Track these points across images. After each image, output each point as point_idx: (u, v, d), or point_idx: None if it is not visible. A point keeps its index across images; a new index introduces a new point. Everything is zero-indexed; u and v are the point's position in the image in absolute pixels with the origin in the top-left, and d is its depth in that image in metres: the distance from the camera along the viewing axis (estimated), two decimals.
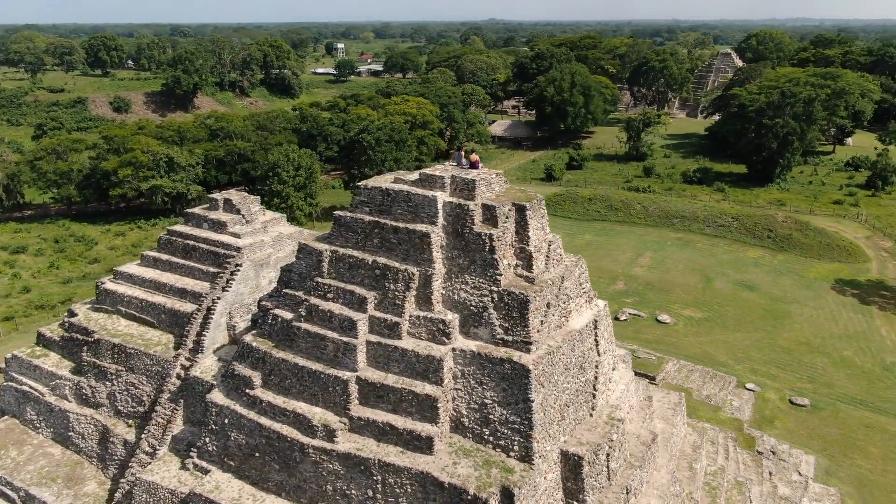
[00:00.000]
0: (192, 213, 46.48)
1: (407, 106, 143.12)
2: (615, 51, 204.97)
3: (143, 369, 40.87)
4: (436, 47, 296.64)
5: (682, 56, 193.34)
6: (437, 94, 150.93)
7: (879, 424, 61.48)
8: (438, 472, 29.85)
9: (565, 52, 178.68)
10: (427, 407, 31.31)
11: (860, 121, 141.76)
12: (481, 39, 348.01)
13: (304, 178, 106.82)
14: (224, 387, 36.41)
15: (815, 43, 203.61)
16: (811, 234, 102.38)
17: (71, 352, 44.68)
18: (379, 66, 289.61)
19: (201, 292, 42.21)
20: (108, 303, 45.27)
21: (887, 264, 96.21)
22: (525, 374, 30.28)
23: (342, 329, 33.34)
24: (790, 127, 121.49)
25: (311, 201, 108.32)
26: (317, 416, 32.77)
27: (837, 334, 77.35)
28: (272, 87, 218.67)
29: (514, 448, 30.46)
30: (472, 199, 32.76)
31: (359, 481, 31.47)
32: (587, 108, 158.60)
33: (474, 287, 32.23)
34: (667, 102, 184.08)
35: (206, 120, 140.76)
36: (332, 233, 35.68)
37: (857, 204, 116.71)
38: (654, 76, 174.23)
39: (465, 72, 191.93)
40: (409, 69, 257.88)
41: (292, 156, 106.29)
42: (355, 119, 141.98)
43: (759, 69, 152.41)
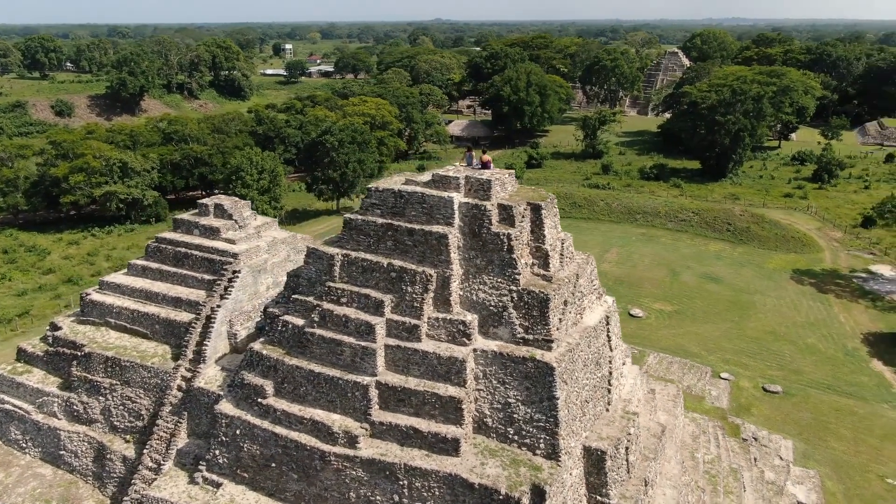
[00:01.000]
0: (181, 220, 45.13)
1: (366, 107, 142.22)
2: (566, 50, 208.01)
3: (139, 382, 39.49)
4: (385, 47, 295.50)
5: (632, 55, 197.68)
6: (395, 95, 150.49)
7: (848, 407, 64.10)
8: (467, 474, 29.83)
9: (519, 52, 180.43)
10: (451, 409, 31.25)
11: (803, 117, 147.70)
12: (430, 39, 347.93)
13: (268, 182, 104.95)
14: (232, 397, 35.51)
15: (757, 42, 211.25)
16: (767, 227, 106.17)
17: (57, 367, 42.83)
18: (329, 66, 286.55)
19: (198, 301, 41.04)
20: (95, 315, 43.57)
21: (839, 254, 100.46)
22: (549, 372, 30.55)
23: (359, 333, 32.95)
24: (741, 123, 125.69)
25: (276, 204, 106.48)
26: (336, 423, 32.31)
27: (800, 322, 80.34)
28: (222, 88, 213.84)
29: (540, 446, 30.69)
30: (488, 199, 32.84)
31: (384, 487, 31.17)
32: (543, 107, 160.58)
33: (493, 287, 32.33)
34: (618, 101, 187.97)
35: (158, 123, 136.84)
36: (343, 236, 35.20)
37: (805, 197, 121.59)
38: (606, 75, 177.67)
39: (420, 72, 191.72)
40: (360, 70, 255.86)
41: (255, 159, 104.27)
42: (313, 121, 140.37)
43: (708, 67, 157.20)
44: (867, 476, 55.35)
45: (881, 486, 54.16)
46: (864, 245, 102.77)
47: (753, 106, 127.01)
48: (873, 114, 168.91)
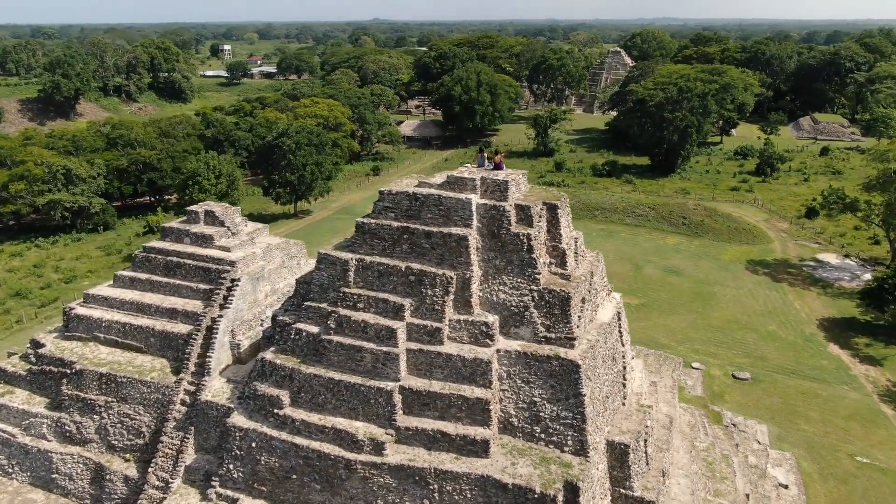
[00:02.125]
0: (170, 228, 43.57)
1: (318, 108, 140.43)
2: (511, 50, 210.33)
3: (138, 398, 37.94)
4: (328, 47, 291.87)
5: (577, 55, 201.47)
6: (347, 96, 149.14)
7: (812, 391, 67.02)
8: (500, 475, 29.92)
9: (467, 52, 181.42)
10: (478, 410, 31.27)
11: (743, 113, 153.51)
12: (372, 39, 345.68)
13: (226, 186, 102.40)
14: (245, 409, 34.55)
15: (694, 41, 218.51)
16: (720, 220, 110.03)
17: (42, 386, 40.71)
18: (272, 67, 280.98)
19: (195, 311, 39.72)
20: (82, 330, 41.61)
21: (787, 244, 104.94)
22: (575, 370, 30.94)
23: (379, 339, 32.57)
24: (688, 120, 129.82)
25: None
26: (361, 430, 31.86)
27: (760, 311, 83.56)
28: (161, 91, 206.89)
29: (567, 443, 31.05)
30: (506, 199, 32.99)
31: (413, 492, 30.93)
32: (494, 106, 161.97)
33: (513, 287, 32.50)
34: (564, 99, 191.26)
35: (101, 127, 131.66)
36: (355, 240, 34.72)
37: (751, 190, 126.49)
38: (553, 74, 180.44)
39: (368, 72, 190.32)
40: (304, 70, 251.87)
41: (212, 163, 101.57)
42: (264, 123, 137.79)
43: (652, 66, 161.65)
44: (838, 455, 57.97)
45: (852, 464, 56.75)
46: (810, 235, 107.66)
47: (699, 103, 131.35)
48: (805, 109, 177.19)
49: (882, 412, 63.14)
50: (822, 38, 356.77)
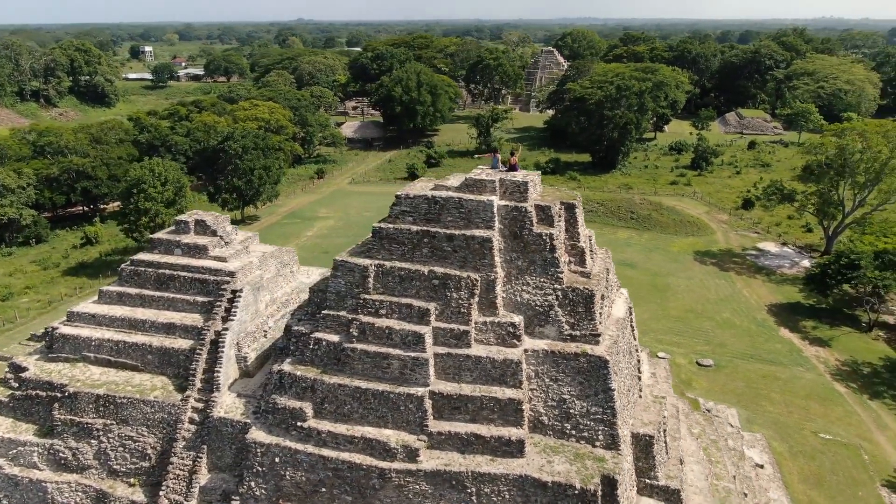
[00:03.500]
0: (159, 239, 41.63)
1: (258, 111, 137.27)
2: (445, 50, 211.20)
3: (140, 419, 36.13)
4: (255, 48, 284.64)
5: (513, 55, 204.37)
6: (287, 98, 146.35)
7: (771, 374, 70.40)
8: (538, 473, 30.17)
9: (405, 52, 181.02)
10: (510, 411, 31.41)
11: (675, 109, 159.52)
12: (300, 40, 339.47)
13: (173, 193, 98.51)
14: (263, 423, 33.48)
15: (624, 41, 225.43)
16: (665, 213, 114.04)
17: (28, 412, 38.17)
18: (199, 69, 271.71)
19: (195, 325, 38.15)
20: (69, 350, 39.25)
21: (729, 234, 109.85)
22: (603, 365, 31.53)
23: (406, 344, 32.23)
24: (628, 117, 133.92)
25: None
26: (393, 438, 31.44)
27: (713, 299, 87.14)
28: (83, 95, 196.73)
29: (599, 438, 31.61)
30: (526, 200, 33.23)
31: (449, 497, 30.78)
32: (435, 106, 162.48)
33: (536, 287, 32.80)
34: (501, 98, 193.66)
35: (27, 134, 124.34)
36: (372, 246, 34.19)
37: (689, 183, 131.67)
38: (489, 73, 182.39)
39: (304, 74, 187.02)
40: (233, 72, 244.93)
41: (157, 169, 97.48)
42: (201, 127, 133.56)
43: (588, 65, 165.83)
44: (803, 433, 61.15)
45: (817, 441, 59.95)
46: (748, 225, 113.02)
47: (637, 101, 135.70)
48: (729, 105, 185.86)
49: (836, 390, 66.89)
50: (736, 37, 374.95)
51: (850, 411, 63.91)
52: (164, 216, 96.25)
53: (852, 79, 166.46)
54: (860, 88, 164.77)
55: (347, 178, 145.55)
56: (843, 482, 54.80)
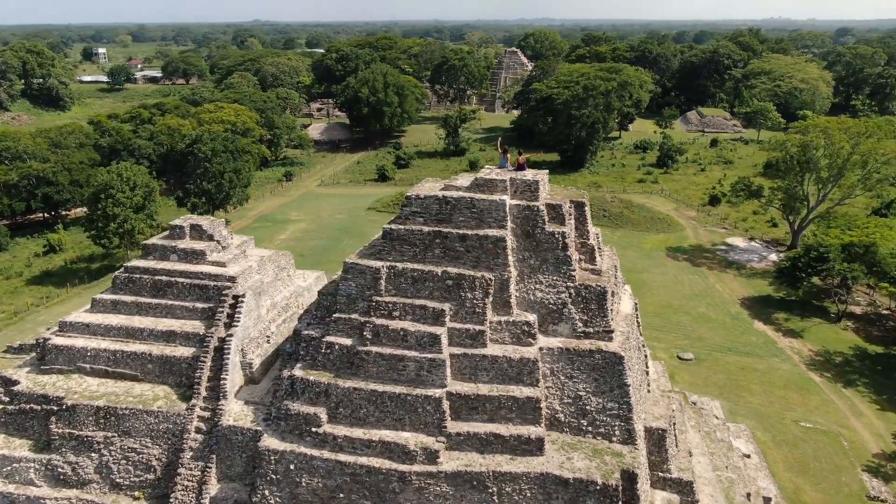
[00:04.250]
0: (152, 245, 40.51)
1: (223, 113, 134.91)
2: (409, 50, 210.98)
3: (144, 430, 35.09)
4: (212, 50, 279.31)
5: (478, 55, 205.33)
6: (253, 100, 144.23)
7: (749, 365, 72.14)
8: (559, 470, 30.31)
9: (370, 53, 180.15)
10: (528, 409, 31.50)
11: (639, 108, 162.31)
12: (259, 41, 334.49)
13: (142, 198, 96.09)
14: (275, 430, 32.88)
15: (586, 41, 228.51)
16: (636, 211, 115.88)
17: (22, 427, 36.73)
18: (156, 71, 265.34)
19: (196, 332, 37.24)
20: (62, 361, 37.90)
21: (698, 230, 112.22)
22: (619, 361, 31.87)
23: (421, 346, 32.04)
24: (595, 117, 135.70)
25: (153, 222, 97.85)
26: (411, 441, 31.21)
27: (688, 294, 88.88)
28: (36, 98, 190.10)
29: (615, 433, 31.92)
30: (537, 199, 33.37)
31: (470, 497, 30.69)
32: (402, 107, 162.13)
33: (549, 285, 32.96)
34: (466, 99, 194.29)
35: None
36: (382, 247, 33.88)
37: (656, 181, 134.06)
38: (455, 74, 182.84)
39: (267, 75, 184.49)
40: (192, 74, 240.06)
41: (126, 174, 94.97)
42: (165, 130, 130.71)
43: (553, 65, 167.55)
44: (784, 422, 62.80)
45: (798, 429, 61.59)
46: (716, 221, 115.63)
47: (603, 100, 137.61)
48: (689, 104, 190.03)
49: (812, 380, 68.85)
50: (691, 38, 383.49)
51: (827, 400, 65.79)
52: (134, 222, 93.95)
53: (807, 78, 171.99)
54: (814, 87, 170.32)
55: (316, 180, 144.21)
56: (827, 469, 56.38)
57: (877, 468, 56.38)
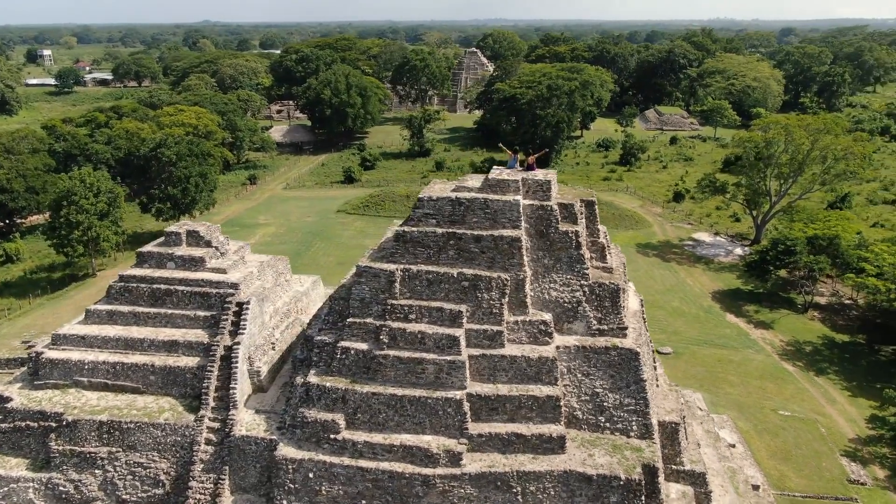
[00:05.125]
0: (149, 253, 39.27)
1: (184, 116, 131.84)
2: (369, 51, 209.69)
3: (150, 444, 33.99)
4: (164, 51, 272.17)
5: (439, 55, 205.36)
6: (213, 102, 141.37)
7: (725, 357, 73.85)
8: (582, 467, 30.55)
9: (330, 54, 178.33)
10: (548, 408, 31.65)
11: (600, 108, 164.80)
12: (211, 42, 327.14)
13: (107, 205, 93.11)
14: (291, 438, 32.26)
15: (545, 41, 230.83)
16: (604, 208, 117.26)
17: (17, 445, 35.18)
18: (107, 73, 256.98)
19: (200, 341, 36.28)
20: (58, 375, 36.45)
21: (665, 226, 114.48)
22: (634, 357, 32.31)
23: (440, 348, 31.87)
24: (560, 116, 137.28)
25: (118, 229, 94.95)
26: (433, 444, 31.02)
27: (660, 290, 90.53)
28: None
29: (633, 428, 32.33)
30: (549, 199, 33.54)
31: (494, 499, 30.68)
32: (365, 108, 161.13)
33: (563, 284, 33.18)
34: (428, 99, 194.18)
35: None
36: (395, 250, 33.58)
37: (620, 179, 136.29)
38: (416, 75, 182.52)
39: (226, 77, 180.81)
40: (144, 76, 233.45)
41: (89, 180, 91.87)
42: (123, 134, 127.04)
43: (514, 65, 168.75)
44: (764, 412, 64.51)
45: (777, 418, 63.32)
46: (681, 217, 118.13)
47: (567, 100, 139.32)
48: (647, 103, 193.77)
49: (785, 369, 70.87)
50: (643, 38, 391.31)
51: (801, 388, 67.77)
52: (98, 229, 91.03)
53: (759, 76, 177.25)
54: (766, 85, 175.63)
55: (281, 183, 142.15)
56: (808, 455, 58.07)
57: (854, 453, 58.23)
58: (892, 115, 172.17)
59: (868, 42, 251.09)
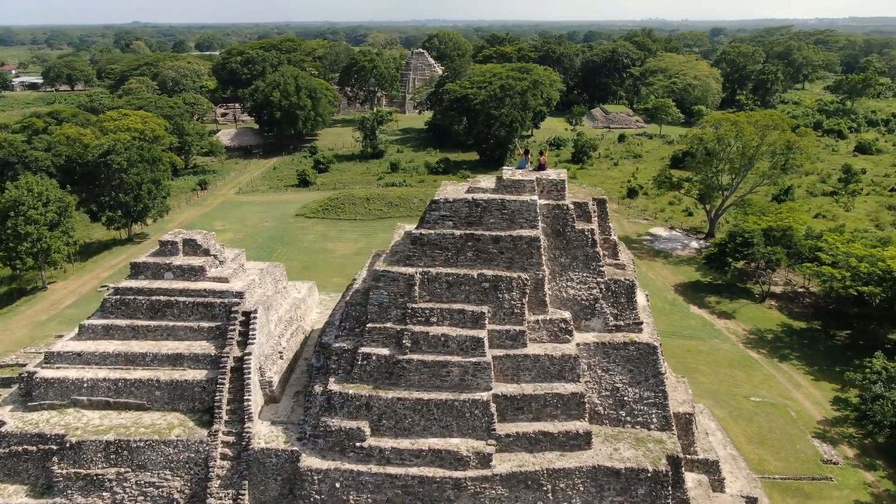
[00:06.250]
0: (143, 263, 37.64)
1: (129, 121, 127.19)
2: (314, 52, 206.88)
3: (162, 463, 32.60)
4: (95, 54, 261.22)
5: (386, 56, 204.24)
6: (159, 106, 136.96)
7: (694, 348, 76.11)
8: (610, 462, 30.96)
9: (277, 56, 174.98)
10: (573, 405, 31.93)
11: (550, 107, 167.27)
12: (146, 44, 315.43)
13: (56, 214, 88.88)
14: (314, 448, 31.53)
15: (490, 42, 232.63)
16: None
17: (14, 472, 33.15)
18: (36, 77, 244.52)
19: (206, 353, 35.04)
20: (54, 395, 34.54)
21: (622, 222, 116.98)
22: (653, 352, 32.95)
23: (464, 350, 31.73)
24: (513, 115, 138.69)
25: (70, 239, 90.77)
26: (462, 447, 30.86)
27: None
28: None
29: (653, 421, 32.96)
30: (563, 198, 33.83)
31: (525, 498, 30.77)
32: (316, 110, 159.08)
33: (580, 282, 33.55)
34: (377, 101, 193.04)
35: None
36: (413, 253, 33.23)
37: (574, 176, 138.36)
38: (365, 76, 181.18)
39: (167, 80, 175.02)
40: (77, 80, 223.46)
41: (37, 189, 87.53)
42: (63, 140, 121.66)
43: (464, 65, 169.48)
44: (736, 399, 66.76)
45: (749, 404, 65.59)
46: (637, 212, 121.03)
47: (520, 99, 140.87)
48: (592, 102, 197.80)
49: (751, 357, 73.49)
50: (581, 38, 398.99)
51: (768, 375, 70.38)
52: (49, 240, 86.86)
53: (699, 74, 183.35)
54: (706, 83, 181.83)
55: (233, 188, 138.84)
56: (782, 438, 60.35)
57: (823, 434, 60.74)
58: (823, 110, 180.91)
59: (796, 41, 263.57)
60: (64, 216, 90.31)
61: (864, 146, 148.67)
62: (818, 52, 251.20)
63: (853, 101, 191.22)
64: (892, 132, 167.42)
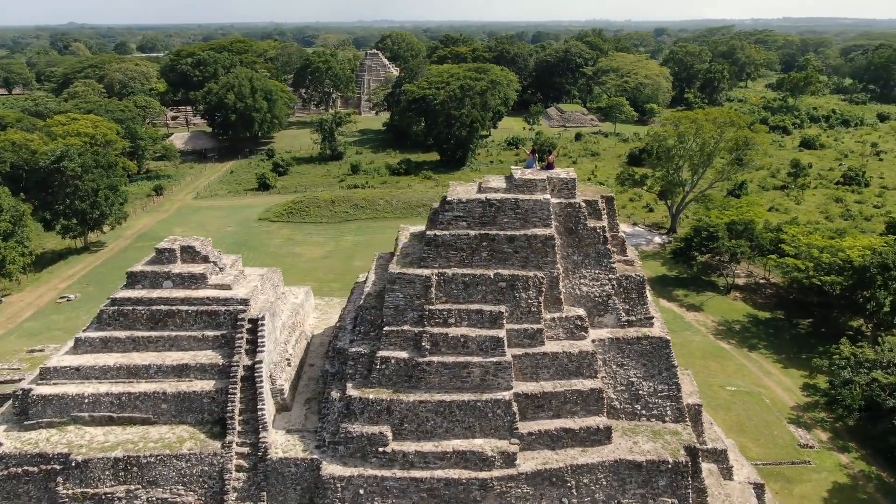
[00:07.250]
0: (140, 272, 36.23)
1: (79, 125, 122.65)
2: (265, 54, 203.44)
3: (174, 478, 31.45)
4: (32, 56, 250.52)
5: (341, 57, 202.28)
6: (110, 110, 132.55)
7: None
8: (631, 455, 31.38)
9: (229, 58, 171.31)
10: (592, 401, 32.22)
11: (507, 106, 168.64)
12: (85, 46, 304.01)
13: (10, 224, 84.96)
14: (334, 456, 30.95)
15: (444, 42, 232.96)
16: None
17: (13, 495, 31.47)
18: None
19: (213, 363, 33.99)
20: (52, 413, 32.92)
21: None
22: (665, 345, 33.54)
23: (483, 351, 31.66)
24: (474, 116, 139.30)
25: (25, 249, 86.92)
26: (486, 447, 30.78)
27: None
28: None
29: (668, 413, 33.54)
30: (574, 196, 34.12)
31: (550, 495, 30.90)
32: (272, 112, 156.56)
33: (593, 279, 33.89)
34: (332, 102, 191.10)
35: None
36: (427, 255, 32.95)
37: None
38: (320, 77, 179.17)
39: (115, 82, 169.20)
40: (14, 83, 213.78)
41: None
42: (9, 147, 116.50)
43: (421, 66, 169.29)
44: (713, 388, 68.61)
45: (726, 393, 67.49)
46: None
47: (480, 99, 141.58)
48: (546, 101, 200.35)
49: (722, 348, 75.63)
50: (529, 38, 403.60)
51: (740, 365, 72.52)
52: (4, 250, 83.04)
53: (650, 74, 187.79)
54: (656, 82, 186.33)
55: (190, 193, 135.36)
56: (759, 425, 62.27)
57: (798, 419, 62.89)
58: (767, 107, 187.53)
59: (738, 41, 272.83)
60: (18, 226, 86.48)
61: (809, 141, 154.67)
62: (759, 52, 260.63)
63: (795, 98, 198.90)
64: (833, 128, 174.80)
